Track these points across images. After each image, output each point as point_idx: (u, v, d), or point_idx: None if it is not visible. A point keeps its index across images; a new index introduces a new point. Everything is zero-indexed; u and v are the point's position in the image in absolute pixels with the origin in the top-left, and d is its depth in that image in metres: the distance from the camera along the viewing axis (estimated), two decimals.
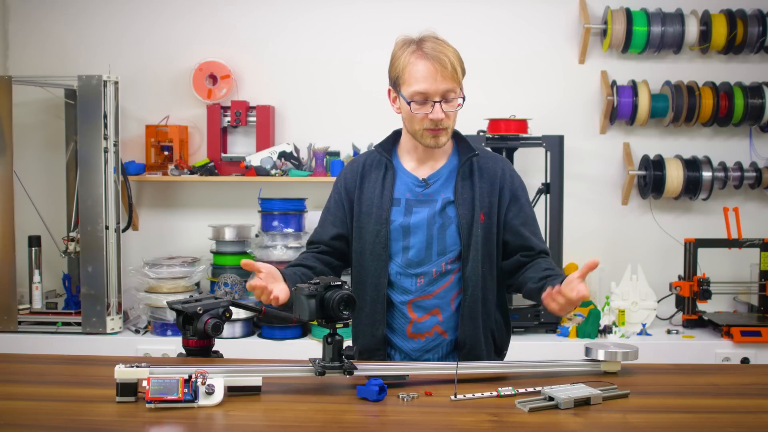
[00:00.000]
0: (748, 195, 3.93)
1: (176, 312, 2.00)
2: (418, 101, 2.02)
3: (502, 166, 2.17)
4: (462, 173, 2.11)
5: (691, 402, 1.72)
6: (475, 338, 2.11)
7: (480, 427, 1.52)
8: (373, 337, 2.13)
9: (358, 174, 2.18)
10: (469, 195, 2.10)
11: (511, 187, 2.15)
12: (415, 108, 2.02)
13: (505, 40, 3.94)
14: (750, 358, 3.39)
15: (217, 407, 1.62)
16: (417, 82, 2.00)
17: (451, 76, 2.00)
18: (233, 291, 3.57)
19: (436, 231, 2.09)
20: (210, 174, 3.77)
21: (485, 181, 2.12)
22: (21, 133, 3.72)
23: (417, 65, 2.01)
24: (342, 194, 2.20)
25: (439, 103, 2.01)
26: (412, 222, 2.10)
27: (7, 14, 3.98)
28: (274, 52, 3.96)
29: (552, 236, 3.54)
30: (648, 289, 3.59)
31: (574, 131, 3.81)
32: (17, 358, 2.27)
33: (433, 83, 1.99)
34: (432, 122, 2.03)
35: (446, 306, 2.11)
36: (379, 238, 2.10)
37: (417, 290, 2.10)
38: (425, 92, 2.00)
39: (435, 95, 2.00)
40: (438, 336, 2.12)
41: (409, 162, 2.17)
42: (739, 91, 3.76)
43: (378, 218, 2.11)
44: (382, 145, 2.19)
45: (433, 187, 2.12)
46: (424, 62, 2.00)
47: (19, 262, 3.53)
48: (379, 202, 2.12)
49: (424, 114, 2.02)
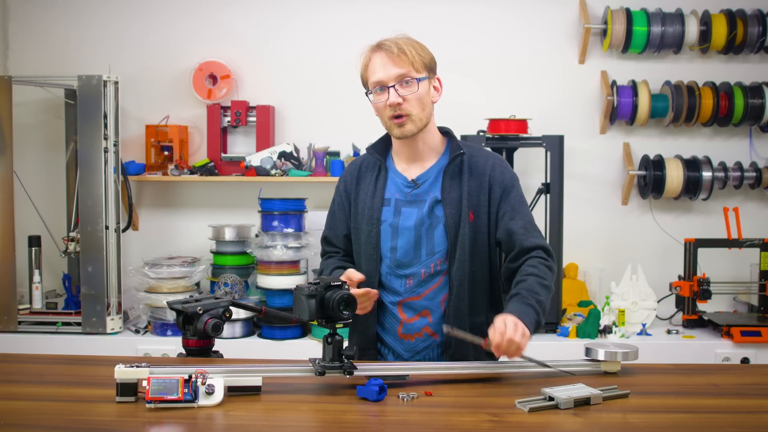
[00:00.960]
0: (748, 195, 3.93)
1: (176, 312, 2.00)
2: (376, 91, 2.05)
3: (492, 163, 2.14)
4: (450, 172, 2.11)
5: (691, 402, 1.72)
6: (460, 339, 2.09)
7: (480, 427, 1.52)
8: (364, 335, 2.15)
9: (354, 176, 2.22)
10: (456, 194, 2.09)
11: (501, 183, 2.11)
12: (374, 98, 2.06)
13: (505, 40, 3.94)
14: (750, 358, 3.39)
15: (217, 407, 1.62)
16: (373, 73, 2.05)
17: (404, 60, 2.03)
18: (233, 291, 3.57)
19: (424, 231, 2.09)
20: (210, 174, 3.77)
21: (474, 179, 2.11)
22: (21, 133, 3.72)
23: (372, 59, 2.07)
24: (342, 196, 2.23)
25: (394, 87, 2.02)
26: (401, 223, 2.10)
27: (7, 14, 3.98)
28: (274, 52, 3.96)
29: (552, 236, 3.54)
30: (648, 289, 3.59)
31: (574, 131, 3.81)
32: (17, 358, 2.27)
33: (385, 70, 2.03)
34: (392, 108, 2.04)
35: (436, 308, 2.10)
36: (371, 238, 2.12)
37: (406, 291, 2.10)
38: (380, 80, 2.04)
39: (389, 81, 2.03)
40: (428, 337, 2.11)
41: (400, 163, 2.18)
42: (739, 91, 3.76)
43: (370, 219, 2.13)
44: (375, 147, 2.21)
45: (422, 187, 2.12)
46: (378, 54, 2.06)
47: (19, 262, 3.52)
48: (371, 203, 2.14)
49: (384, 103, 2.04)
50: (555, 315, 3.55)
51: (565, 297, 3.68)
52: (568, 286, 3.76)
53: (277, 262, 3.56)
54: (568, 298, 3.73)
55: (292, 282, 3.53)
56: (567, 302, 3.71)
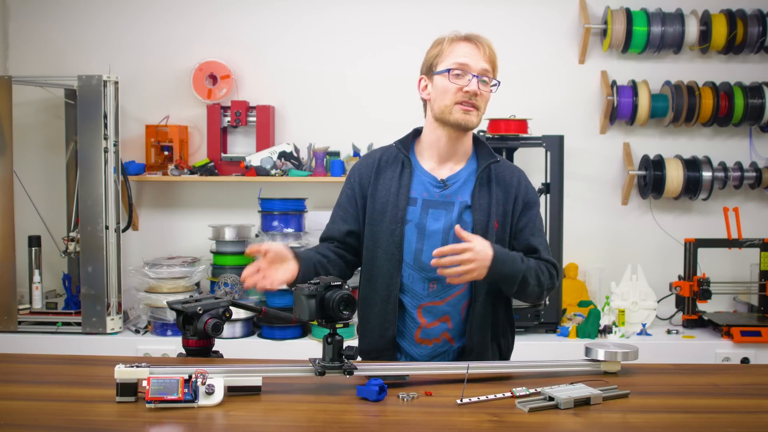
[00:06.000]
0: (748, 195, 3.93)
1: (176, 312, 2.00)
2: (456, 72, 2.04)
3: (519, 177, 2.17)
4: (481, 179, 2.10)
5: (691, 402, 1.72)
6: (483, 346, 2.10)
7: (480, 427, 1.52)
8: (382, 337, 2.11)
9: (373, 169, 2.15)
10: (486, 201, 2.09)
11: (525, 197, 2.15)
12: (452, 78, 2.04)
13: (504, 40, 3.90)
14: (750, 358, 3.39)
15: (217, 407, 1.62)
16: (458, 56, 2.05)
17: (491, 59, 2.07)
18: (233, 291, 3.57)
19: (452, 236, 2.05)
20: (210, 174, 3.77)
21: (501, 190, 2.11)
22: (21, 133, 3.72)
23: (459, 45, 2.07)
24: (355, 189, 2.16)
25: (477, 78, 2.03)
26: (430, 227, 2.08)
27: (7, 14, 3.98)
28: (274, 52, 3.96)
29: (552, 236, 3.54)
30: (648, 289, 3.59)
31: (574, 131, 3.81)
32: (17, 358, 2.27)
33: (474, 59, 2.05)
34: (466, 95, 2.04)
35: (456, 313, 2.10)
36: (394, 237, 2.07)
37: (428, 295, 2.08)
38: (465, 64, 2.04)
39: (474, 69, 2.04)
40: (446, 343, 2.11)
41: (428, 161, 2.14)
42: (739, 91, 3.76)
43: (393, 217, 2.08)
44: (402, 142, 2.17)
45: (451, 189, 2.10)
46: (467, 43, 2.07)
47: (19, 262, 3.52)
48: (395, 200, 2.09)
49: (460, 86, 2.03)
50: (555, 315, 3.55)
51: (565, 297, 3.68)
52: (568, 286, 3.76)
53: None
54: (568, 298, 3.73)
55: None
56: (567, 302, 3.71)
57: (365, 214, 2.14)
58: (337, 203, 2.21)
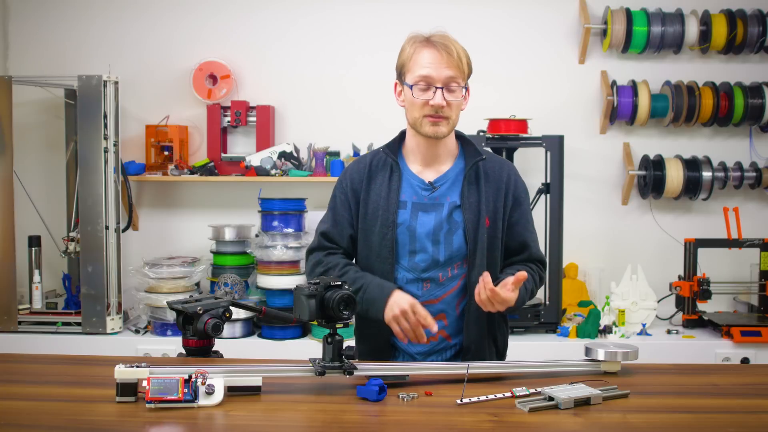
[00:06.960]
0: (748, 195, 3.93)
1: (176, 312, 2.00)
2: (420, 86, 2.02)
3: (508, 171, 2.17)
4: (469, 177, 2.11)
5: (691, 402, 1.72)
6: (479, 343, 2.11)
7: (480, 427, 1.52)
8: (379, 338, 2.12)
9: (364, 174, 2.16)
10: (475, 199, 2.10)
11: (515, 192, 2.16)
12: (417, 93, 2.03)
13: (504, 40, 3.94)
14: (750, 358, 3.39)
15: (217, 407, 1.62)
16: (421, 67, 2.02)
17: (456, 65, 2.01)
18: (233, 291, 3.57)
19: (443, 236, 2.08)
20: (210, 174, 3.77)
21: (491, 186, 2.12)
22: (21, 133, 3.72)
23: (422, 52, 2.03)
24: (348, 194, 2.17)
25: (441, 89, 2.01)
26: (420, 228, 2.09)
27: (7, 14, 3.98)
28: (274, 53, 3.96)
29: (552, 236, 3.54)
30: (648, 289, 3.59)
31: (574, 131, 3.81)
32: (17, 358, 2.27)
33: (437, 69, 2.01)
34: (432, 108, 2.02)
35: (452, 311, 2.11)
36: (386, 241, 2.09)
37: (423, 295, 2.09)
38: (428, 77, 2.01)
39: (438, 81, 2.01)
40: (443, 340, 2.12)
41: (415, 164, 2.15)
42: (739, 91, 3.76)
43: (384, 221, 2.09)
44: (389, 146, 2.18)
45: (440, 190, 2.11)
46: (430, 50, 2.03)
47: (19, 262, 3.52)
48: (385, 204, 2.10)
49: (425, 100, 2.02)
50: (555, 315, 3.55)
51: (565, 297, 3.68)
52: (568, 286, 3.76)
53: (277, 262, 3.55)
54: (568, 298, 3.72)
55: (292, 282, 3.53)
56: (567, 302, 3.71)
57: (358, 219, 2.15)
58: (332, 207, 2.21)
